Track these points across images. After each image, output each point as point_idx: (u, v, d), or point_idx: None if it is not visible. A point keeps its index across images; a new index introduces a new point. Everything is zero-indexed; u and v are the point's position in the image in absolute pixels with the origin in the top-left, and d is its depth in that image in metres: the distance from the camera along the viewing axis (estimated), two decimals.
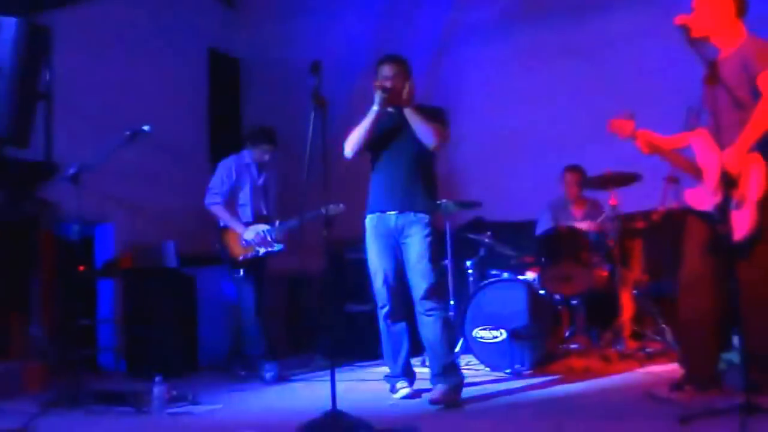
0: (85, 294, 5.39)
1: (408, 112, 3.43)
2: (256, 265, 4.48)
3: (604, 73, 5.32)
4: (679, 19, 2.88)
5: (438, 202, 3.70)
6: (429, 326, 3.38)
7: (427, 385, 3.47)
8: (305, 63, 3.03)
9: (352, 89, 5.18)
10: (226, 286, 5.09)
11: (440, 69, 3.38)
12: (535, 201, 5.11)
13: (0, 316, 4.51)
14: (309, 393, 3.94)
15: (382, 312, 3.53)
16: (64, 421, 3.34)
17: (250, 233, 4.45)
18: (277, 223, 4.49)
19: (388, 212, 3.49)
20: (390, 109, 3.50)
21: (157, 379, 3.53)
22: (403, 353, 3.55)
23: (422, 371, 3.73)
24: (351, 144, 3.49)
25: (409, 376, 3.59)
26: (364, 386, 3.98)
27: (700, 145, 3.07)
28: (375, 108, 3.42)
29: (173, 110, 5.98)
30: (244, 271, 4.43)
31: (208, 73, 6.69)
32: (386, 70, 3.49)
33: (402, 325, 3.54)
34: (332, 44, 6.06)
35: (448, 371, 3.35)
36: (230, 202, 4.57)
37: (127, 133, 3.80)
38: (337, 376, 2.92)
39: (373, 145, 3.53)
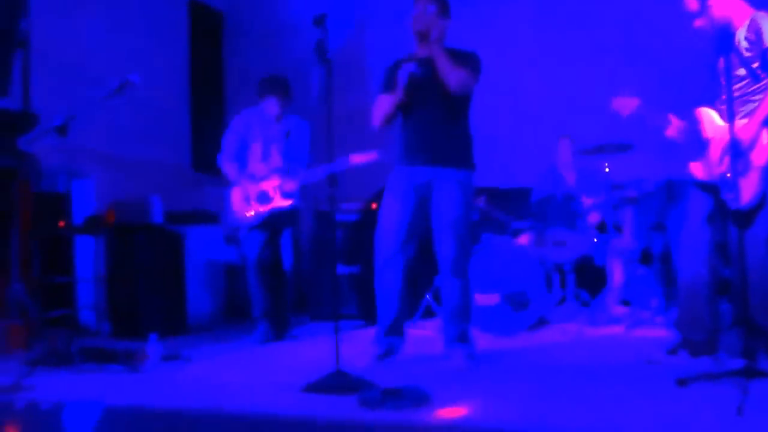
0: (62, 251, 5.22)
1: (435, 54, 3.19)
2: (265, 223, 4.26)
3: (601, 43, 5.29)
4: None
5: (473, 159, 3.34)
6: (450, 293, 3.31)
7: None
8: (293, 17, 2.89)
9: (342, 46, 5.05)
10: (219, 245, 4.98)
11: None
12: (526, 168, 5.11)
13: None
14: (303, 353, 3.92)
15: (388, 263, 3.28)
16: (56, 379, 3.24)
17: (254, 189, 4.24)
18: (286, 176, 4.19)
19: (418, 166, 3.28)
20: (419, 56, 3.28)
21: (151, 337, 3.47)
22: (397, 309, 3.35)
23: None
24: (380, 116, 3.31)
25: (400, 335, 3.41)
26: (358, 347, 3.97)
27: (707, 117, 3.09)
28: (399, 92, 3.23)
29: (152, 62, 5.74)
30: (247, 230, 4.27)
31: (190, 25, 6.45)
32: (416, 7, 3.27)
33: (402, 281, 3.32)
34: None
35: (463, 338, 3.33)
36: (243, 158, 4.33)
37: (115, 84, 3.62)
38: (329, 337, 2.91)
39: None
